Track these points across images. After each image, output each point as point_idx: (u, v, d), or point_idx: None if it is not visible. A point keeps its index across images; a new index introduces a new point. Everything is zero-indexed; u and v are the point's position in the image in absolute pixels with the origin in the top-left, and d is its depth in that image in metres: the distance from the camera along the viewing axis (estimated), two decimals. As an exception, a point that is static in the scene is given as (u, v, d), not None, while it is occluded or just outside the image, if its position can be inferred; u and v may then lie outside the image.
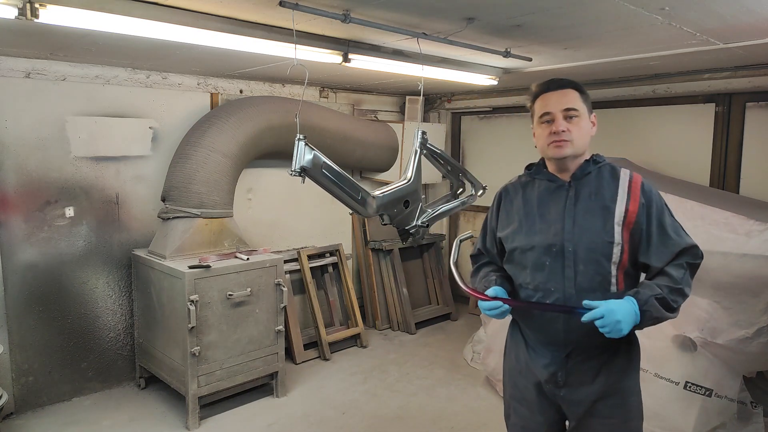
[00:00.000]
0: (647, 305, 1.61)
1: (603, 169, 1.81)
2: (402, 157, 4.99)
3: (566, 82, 1.81)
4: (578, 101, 1.78)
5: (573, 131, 1.75)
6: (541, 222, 1.81)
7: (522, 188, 1.93)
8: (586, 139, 1.79)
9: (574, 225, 1.74)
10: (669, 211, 1.76)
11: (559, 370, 1.79)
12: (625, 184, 1.76)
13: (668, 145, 4.29)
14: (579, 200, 1.77)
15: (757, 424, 3.02)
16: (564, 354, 1.78)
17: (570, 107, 1.76)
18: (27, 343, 3.57)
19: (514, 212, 1.90)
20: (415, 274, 5.61)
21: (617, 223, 1.71)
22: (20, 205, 3.48)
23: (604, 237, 1.70)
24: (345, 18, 2.33)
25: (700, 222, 2.98)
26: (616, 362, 1.77)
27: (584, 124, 1.78)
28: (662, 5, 2.19)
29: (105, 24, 2.26)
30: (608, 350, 1.76)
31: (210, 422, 3.49)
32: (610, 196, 1.75)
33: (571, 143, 1.75)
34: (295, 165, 2.14)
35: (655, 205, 1.73)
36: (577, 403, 1.80)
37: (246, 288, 3.52)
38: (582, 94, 1.79)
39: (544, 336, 1.81)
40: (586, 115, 1.79)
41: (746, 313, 2.89)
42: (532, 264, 1.80)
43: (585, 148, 1.81)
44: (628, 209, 1.72)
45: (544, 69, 3.70)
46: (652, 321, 1.64)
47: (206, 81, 4.25)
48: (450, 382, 4.11)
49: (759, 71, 3.58)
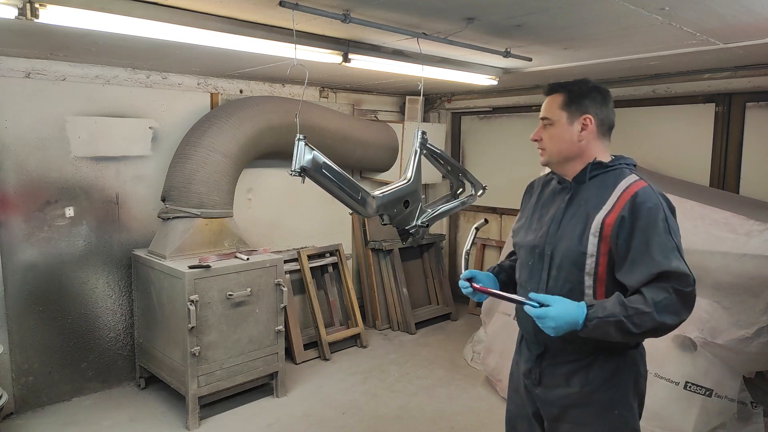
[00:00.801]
0: (591, 324, 1.53)
1: (609, 175, 1.71)
2: (402, 157, 4.99)
3: (555, 87, 1.77)
4: (555, 107, 1.74)
5: (546, 140, 1.77)
6: (538, 222, 1.83)
7: (542, 186, 1.94)
8: (562, 145, 1.73)
9: (558, 229, 1.73)
10: (668, 228, 1.57)
11: (534, 369, 1.82)
12: (618, 193, 1.64)
13: (668, 145, 4.29)
14: (571, 205, 1.74)
15: (757, 424, 3.02)
16: (537, 353, 1.81)
17: (543, 116, 1.77)
18: (27, 343, 3.57)
19: (527, 208, 1.95)
20: (415, 274, 5.61)
21: (593, 234, 1.62)
22: (20, 205, 3.48)
23: (578, 246, 1.64)
24: (345, 18, 2.33)
25: (700, 222, 2.98)
26: (594, 371, 1.70)
27: (557, 131, 1.73)
28: (662, 5, 2.18)
29: (105, 24, 2.26)
30: (584, 359, 1.71)
31: (210, 422, 3.49)
32: (596, 205, 1.66)
33: (544, 151, 1.78)
34: (295, 165, 2.13)
35: (644, 218, 1.56)
36: (550, 404, 1.79)
37: (246, 288, 3.52)
38: (567, 97, 1.73)
39: (526, 334, 1.88)
40: (563, 121, 1.72)
41: (746, 313, 2.89)
42: (521, 262, 1.89)
43: (566, 153, 1.74)
44: (605, 221, 1.61)
45: (544, 69, 3.70)
46: (596, 337, 1.57)
47: (206, 81, 4.25)
48: (450, 382, 4.11)
49: (759, 71, 3.58)
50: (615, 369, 1.70)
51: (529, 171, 3.10)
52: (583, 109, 1.72)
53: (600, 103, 1.74)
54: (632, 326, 1.51)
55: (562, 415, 1.77)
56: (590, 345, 1.68)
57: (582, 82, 1.75)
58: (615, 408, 1.71)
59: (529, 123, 5.27)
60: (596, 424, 1.72)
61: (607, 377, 1.70)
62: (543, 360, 1.80)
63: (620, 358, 1.71)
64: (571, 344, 1.70)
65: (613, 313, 1.52)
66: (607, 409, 1.71)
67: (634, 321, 1.50)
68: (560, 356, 1.75)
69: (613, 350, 1.70)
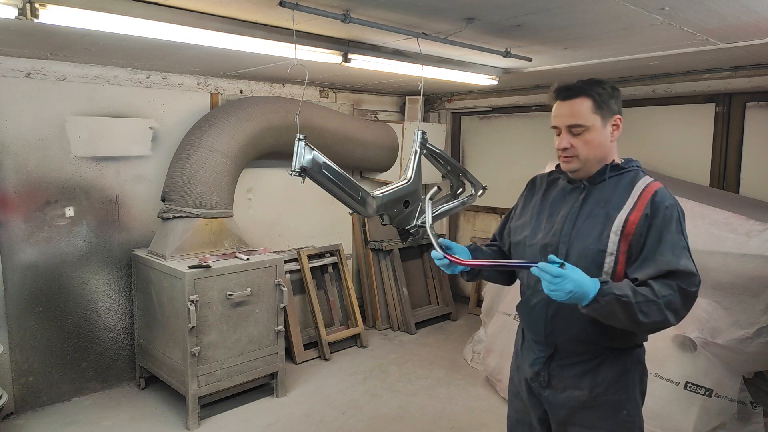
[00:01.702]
0: (605, 299, 1.50)
1: (625, 177, 1.72)
2: (402, 157, 4.99)
3: (576, 90, 1.69)
4: (587, 112, 1.67)
5: (578, 146, 1.69)
6: (548, 221, 1.80)
7: (547, 184, 1.91)
8: (598, 150, 1.70)
9: (573, 228, 1.71)
10: (680, 229, 1.61)
11: (543, 371, 1.79)
12: (638, 192, 1.65)
13: (668, 145, 4.29)
14: (586, 204, 1.73)
15: (757, 424, 3.02)
16: (547, 355, 1.78)
17: (574, 123, 1.68)
18: (27, 343, 3.57)
19: (531, 205, 1.91)
20: (415, 274, 5.61)
21: (614, 232, 1.62)
22: (20, 205, 3.48)
23: (597, 245, 1.64)
24: (345, 18, 2.33)
25: (700, 222, 2.98)
26: (603, 372, 1.70)
27: (594, 136, 1.68)
28: (662, 5, 2.18)
29: (105, 24, 2.26)
30: (594, 359, 1.71)
31: (210, 422, 3.49)
32: (617, 204, 1.66)
33: (577, 158, 1.70)
34: (295, 165, 2.13)
35: (661, 216, 1.60)
36: (558, 406, 1.77)
37: (246, 288, 3.52)
38: (595, 100, 1.67)
39: (532, 334, 1.84)
40: (597, 125, 1.67)
41: (746, 313, 2.89)
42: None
43: (600, 156, 1.71)
44: (629, 219, 1.62)
45: (544, 69, 3.70)
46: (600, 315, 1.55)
47: (206, 81, 4.25)
48: (450, 382, 4.11)
49: (759, 71, 3.57)
50: (623, 369, 1.71)
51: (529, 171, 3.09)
52: (613, 109, 1.71)
53: (620, 101, 1.74)
54: (640, 313, 1.51)
55: (570, 418, 1.76)
56: (601, 344, 1.69)
57: (598, 83, 1.71)
58: (624, 408, 1.71)
59: (530, 123, 5.27)
60: (605, 426, 1.72)
61: (617, 377, 1.70)
62: (553, 361, 1.77)
63: (628, 357, 1.72)
64: (582, 344, 1.70)
65: (626, 294, 1.51)
66: (615, 411, 1.71)
67: (643, 308, 1.51)
68: (571, 357, 1.74)
69: (622, 349, 1.71)
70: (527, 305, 1.83)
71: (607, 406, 1.71)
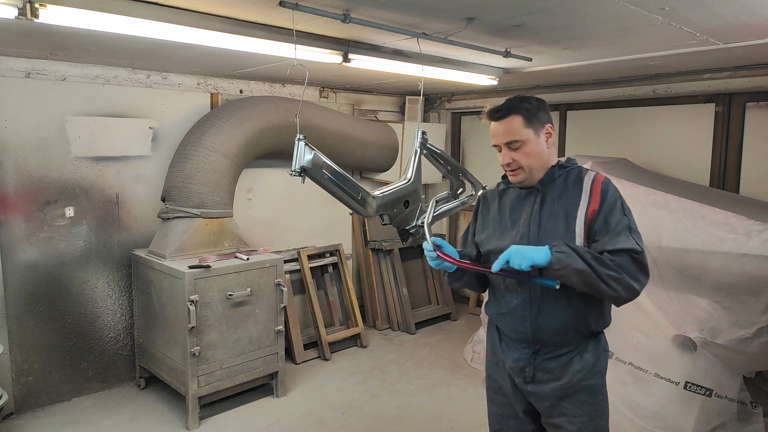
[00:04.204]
0: (561, 250, 1.64)
1: (570, 174, 1.87)
2: (402, 157, 4.99)
3: (506, 109, 1.83)
4: (519, 128, 1.80)
5: (520, 159, 1.83)
6: (512, 226, 1.90)
7: (499, 196, 2.02)
8: (538, 158, 1.83)
9: (539, 228, 1.82)
10: (623, 209, 1.77)
11: (527, 366, 1.87)
12: (588, 186, 1.82)
13: (668, 145, 4.29)
14: (545, 205, 1.84)
15: (757, 424, 3.02)
16: (532, 351, 1.86)
17: (511, 140, 1.82)
18: (27, 343, 3.57)
19: (489, 218, 2.02)
20: (415, 274, 5.61)
21: (579, 226, 1.77)
22: (20, 205, 3.48)
23: (565, 239, 1.74)
24: (345, 18, 2.33)
25: (700, 222, 2.98)
26: (583, 359, 1.82)
27: (531, 148, 1.82)
28: (662, 5, 2.19)
29: (105, 24, 2.27)
30: (575, 348, 1.82)
31: (210, 422, 3.49)
32: (573, 200, 1.81)
33: (522, 170, 1.84)
34: (295, 165, 2.13)
35: (607, 204, 1.77)
36: (542, 398, 1.87)
37: (246, 288, 3.52)
38: (525, 116, 1.80)
39: (515, 334, 1.90)
40: (532, 137, 1.82)
41: (746, 313, 2.89)
42: None
43: (542, 164, 1.85)
44: (589, 208, 1.77)
45: (544, 69, 3.71)
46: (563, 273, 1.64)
47: (206, 81, 4.25)
48: (450, 382, 4.11)
49: (759, 71, 3.58)
50: (597, 355, 1.85)
51: (529, 171, 3.10)
52: (543, 120, 1.85)
53: (548, 112, 1.88)
54: (598, 265, 1.63)
55: (554, 407, 1.86)
56: (582, 331, 1.81)
57: (524, 99, 1.84)
58: (600, 393, 1.86)
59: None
60: (587, 411, 1.83)
61: (593, 363, 1.84)
62: (537, 356, 1.86)
63: (599, 344, 1.87)
64: (565, 335, 1.80)
65: (581, 250, 1.67)
66: (594, 395, 1.84)
67: (598, 264, 1.64)
68: (555, 350, 1.83)
69: (596, 334, 1.86)
70: (507, 306, 1.90)
71: (588, 392, 1.83)
